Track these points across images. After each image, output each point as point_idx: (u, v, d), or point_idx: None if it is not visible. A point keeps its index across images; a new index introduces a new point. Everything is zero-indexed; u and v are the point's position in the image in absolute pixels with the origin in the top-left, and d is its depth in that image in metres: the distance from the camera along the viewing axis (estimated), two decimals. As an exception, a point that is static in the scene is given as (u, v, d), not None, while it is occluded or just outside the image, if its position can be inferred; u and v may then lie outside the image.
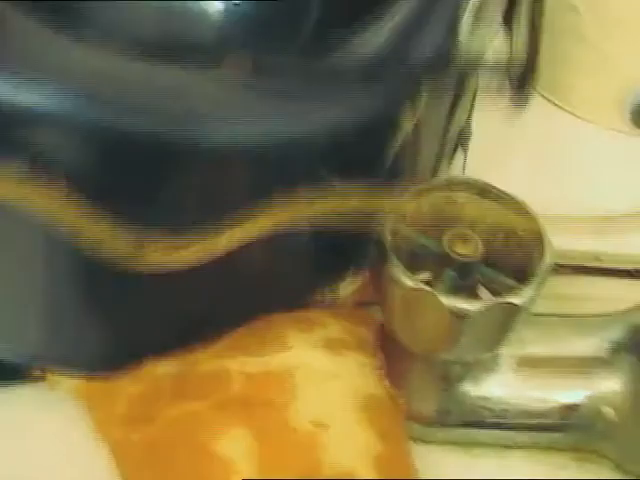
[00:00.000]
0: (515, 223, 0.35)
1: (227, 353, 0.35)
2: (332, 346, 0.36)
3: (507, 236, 0.35)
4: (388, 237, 0.33)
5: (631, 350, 0.37)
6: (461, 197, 0.35)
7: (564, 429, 0.37)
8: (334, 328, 0.36)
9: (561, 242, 0.34)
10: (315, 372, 0.34)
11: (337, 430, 0.33)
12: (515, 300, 0.32)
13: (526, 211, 0.34)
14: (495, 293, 0.34)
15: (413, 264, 0.34)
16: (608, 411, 0.36)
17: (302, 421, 0.33)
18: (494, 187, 0.35)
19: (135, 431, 0.35)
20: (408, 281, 0.32)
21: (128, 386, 0.35)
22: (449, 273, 0.34)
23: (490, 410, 0.37)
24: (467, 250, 0.33)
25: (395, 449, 0.35)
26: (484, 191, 0.35)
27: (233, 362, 0.35)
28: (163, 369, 0.35)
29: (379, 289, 0.35)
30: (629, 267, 0.44)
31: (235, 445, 0.33)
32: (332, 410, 0.34)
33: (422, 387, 0.37)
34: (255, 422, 0.33)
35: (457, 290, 0.33)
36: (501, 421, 0.37)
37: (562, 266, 0.42)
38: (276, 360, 0.35)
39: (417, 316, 0.33)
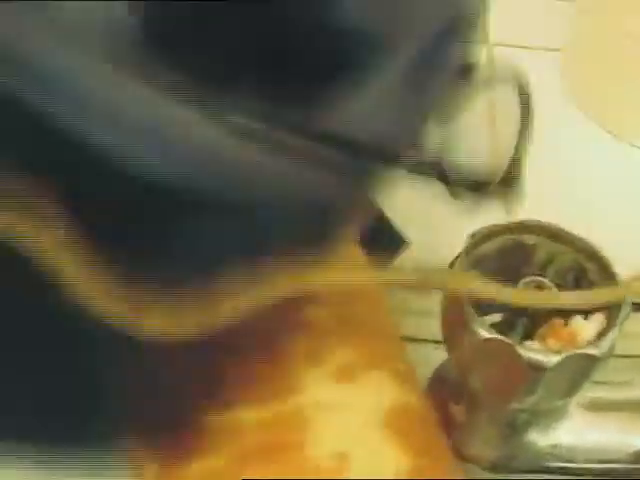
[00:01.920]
0: (587, 267, 0.34)
1: (239, 402, 0.34)
2: (342, 374, 0.35)
3: (577, 280, 0.34)
4: (460, 285, 0.32)
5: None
6: (531, 240, 0.34)
7: (634, 474, 0.36)
8: (343, 353, 0.35)
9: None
10: (328, 406, 0.34)
11: (360, 456, 0.33)
12: (594, 351, 0.31)
13: (600, 256, 0.33)
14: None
15: (481, 306, 0.33)
16: (679, 456, 0.35)
17: (322, 456, 0.32)
18: (566, 231, 0.34)
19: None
20: (484, 332, 0.31)
21: None
22: (522, 321, 0.33)
23: (557, 456, 0.36)
24: (543, 298, 0.32)
25: (429, 458, 0.34)
26: (556, 234, 0.34)
27: (246, 411, 0.34)
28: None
29: (450, 336, 0.34)
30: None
31: None
32: (351, 438, 0.33)
33: (486, 432, 0.37)
34: (275, 468, 0.33)
35: (529, 337, 0.33)
36: (568, 466, 0.36)
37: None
38: (288, 403, 0.34)
39: (491, 366, 0.32)
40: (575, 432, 0.36)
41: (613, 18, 0.49)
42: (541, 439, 0.36)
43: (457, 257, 0.33)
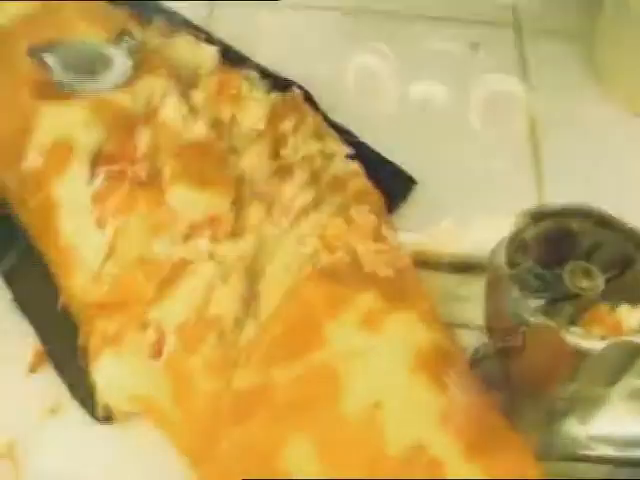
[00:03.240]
0: (634, 255, 0.33)
1: (269, 361, 0.35)
2: (368, 320, 0.35)
3: (623, 267, 0.34)
4: (506, 269, 0.32)
5: None
6: (576, 225, 0.34)
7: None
8: (367, 299, 0.36)
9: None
10: (356, 355, 0.34)
11: (393, 402, 0.33)
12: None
13: (646, 243, 0.33)
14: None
15: (524, 290, 0.33)
16: None
17: (355, 408, 0.33)
18: (612, 216, 0.34)
19: (204, 459, 0.34)
20: (531, 317, 0.31)
21: (190, 406, 0.35)
22: (568, 306, 0.32)
23: (596, 445, 0.36)
24: (589, 285, 0.32)
25: (460, 395, 0.34)
26: (601, 220, 0.34)
27: (276, 370, 0.34)
28: (212, 385, 0.35)
29: (493, 320, 0.34)
30: None
31: (296, 455, 0.32)
32: (382, 384, 0.33)
33: (525, 419, 0.36)
34: (309, 425, 0.33)
35: (573, 323, 0.32)
36: (607, 455, 0.36)
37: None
38: (316, 356, 0.34)
39: (534, 351, 0.32)
40: (614, 421, 0.35)
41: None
42: (580, 428, 0.35)
43: (501, 241, 0.33)
